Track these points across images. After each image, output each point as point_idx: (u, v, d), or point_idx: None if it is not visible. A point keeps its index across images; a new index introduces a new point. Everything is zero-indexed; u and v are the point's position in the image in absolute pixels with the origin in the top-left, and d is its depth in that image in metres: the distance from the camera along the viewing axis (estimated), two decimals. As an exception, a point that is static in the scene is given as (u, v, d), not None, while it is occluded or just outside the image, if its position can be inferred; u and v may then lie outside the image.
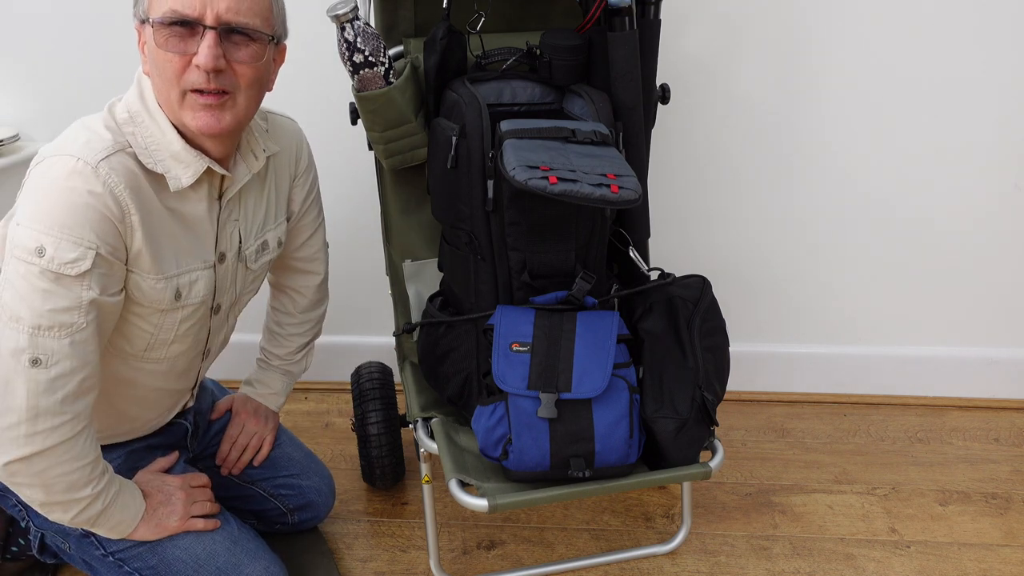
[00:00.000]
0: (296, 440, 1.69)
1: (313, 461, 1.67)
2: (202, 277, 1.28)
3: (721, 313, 1.43)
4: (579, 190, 1.16)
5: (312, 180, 1.51)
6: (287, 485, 1.61)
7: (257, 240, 1.39)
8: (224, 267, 1.34)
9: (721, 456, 1.37)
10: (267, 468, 1.61)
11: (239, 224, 1.34)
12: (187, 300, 1.27)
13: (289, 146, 1.44)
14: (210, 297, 1.33)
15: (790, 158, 1.91)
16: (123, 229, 1.15)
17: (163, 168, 1.19)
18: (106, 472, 1.24)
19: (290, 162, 1.45)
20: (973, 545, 1.64)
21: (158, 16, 1.12)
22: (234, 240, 1.34)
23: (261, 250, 1.41)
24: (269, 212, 1.42)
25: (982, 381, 2.05)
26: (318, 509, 1.66)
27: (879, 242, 1.96)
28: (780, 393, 2.12)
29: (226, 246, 1.33)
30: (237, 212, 1.34)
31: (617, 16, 1.40)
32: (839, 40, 1.79)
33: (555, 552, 1.66)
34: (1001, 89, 1.79)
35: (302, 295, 1.62)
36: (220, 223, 1.30)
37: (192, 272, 1.27)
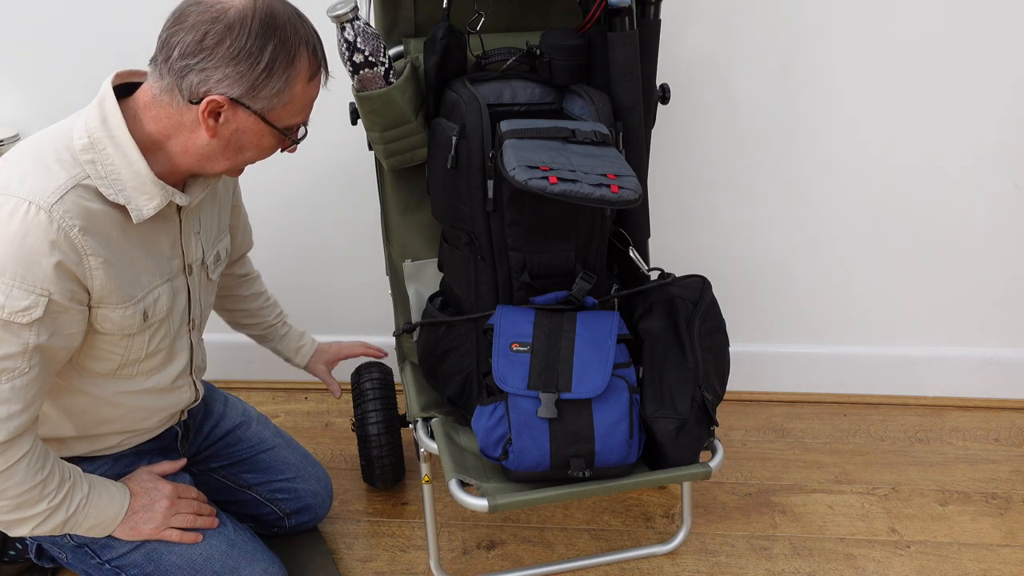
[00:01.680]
0: (293, 442, 1.68)
1: (310, 463, 1.66)
2: (164, 292, 1.25)
3: (721, 313, 1.43)
4: (579, 190, 1.16)
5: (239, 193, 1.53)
6: (283, 489, 1.60)
7: (214, 250, 1.39)
8: (193, 278, 1.33)
9: (721, 456, 1.37)
10: (262, 472, 1.59)
11: (200, 236, 1.33)
12: (153, 318, 1.24)
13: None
14: (186, 311, 1.33)
15: (790, 158, 1.90)
16: (81, 272, 1.10)
17: (124, 199, 1.13)
18: (65, 483, 1.21)
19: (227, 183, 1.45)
20: (973, 545, 1.64)
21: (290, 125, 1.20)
22: (198, 252, 1.32)
23: (215, 261, 1.40)
24: (222, 221, 1.42)
25: (982, 381, 2.05)
26: (315, 511, 1.65)
27: (879, 242, 1.96)
28: (780, 393, 2.12)
29: (192, 258, 1.31)
30: (197, 224, 1.32)
31: (617, 16, 1.40)
32: (839, 40, 1.78)
33: (555, 552, 1.66)
34: (1001, 89, 1.79)
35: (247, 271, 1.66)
36: (184, 236, 1.28)
37: (155, 289, 1.24)
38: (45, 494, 1.18)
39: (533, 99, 1.49)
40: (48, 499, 1.19)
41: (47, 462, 1.19)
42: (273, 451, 1.61)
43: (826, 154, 1.89)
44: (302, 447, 1.70)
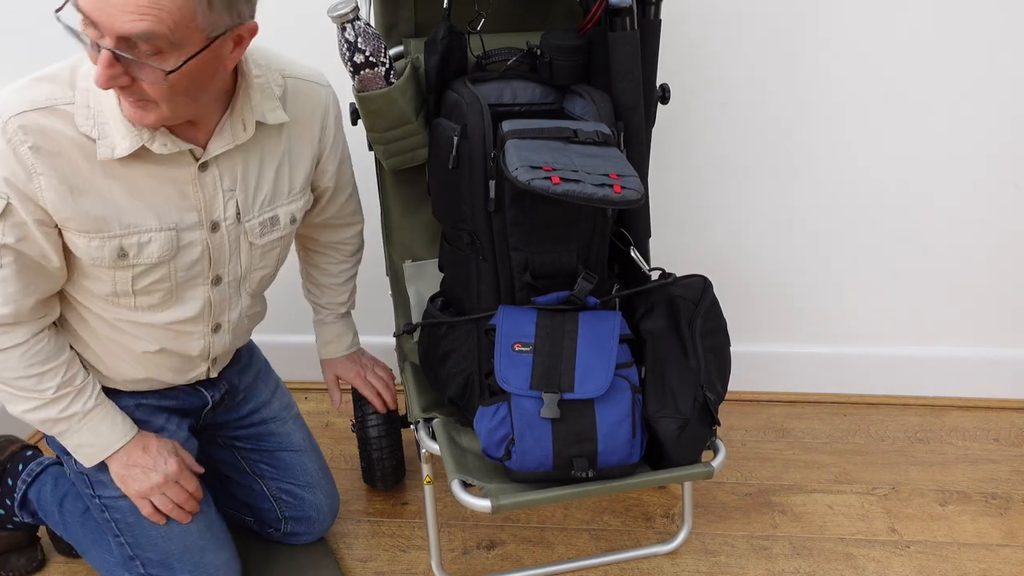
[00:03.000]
0: (318, 452, 1.67)
1: (325, 479, 1.65)
2: (158, 239, 1.22)
3: (722, 313, 1.43)
4: (582, 190, 1.16)
5: (341, 149, 1.45)
6: (290, 492, 1.60)
7: (263, 214, 1.33)
8: (219, 236, 1.29)
9: (723, 456, 1.37)
10: (278, 470, 1.59)
11: (236, 194, 1.27)
12: (137, 259, 1.22)
13: (308, 118, 1.35)
14: (203, 265, 1.30)
15: (790, 158, 1.91)
16: (30, 191, 1.12)
17: (99, 133, 1.13)
18: (66, 387, 1.28)
19: (312, 135, 1.36)
20: (973, 545, 1.64)
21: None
22: (229, 210, 1.28)
23: (269, 225, 1.34)
24: (280, 186, 1.34)
25: (982, 381, 2.05)
26: (312, 526, 1.63)
27: (879, 242, 1.96)
28: (780, 393, 2.12)
29: (218, 215, 1.27)
30: (231, 181, 1.26)
31: (618, 16, 1.40)
32: (840, 40, 1.79)
33: (555, 552, 1.66)
34: (1002, 88, 1.79)
35: (347, 244, 1.63)
36: (204, 190, 1.24)
37: (143, 233, 1.21)
38: (40, 388, 1.26)
39: (534, 99, 1.49)
40: (41, 393, 1.26)
41: (52, 362, 1.26)
42: (297, 454, 1.61)
43: (826, 154, 1.89)
44: (324, 461, 1.67)
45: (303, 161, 1.36)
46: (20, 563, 1.62)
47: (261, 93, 1.25)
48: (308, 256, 1.64)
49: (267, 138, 1.29)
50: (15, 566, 1.62)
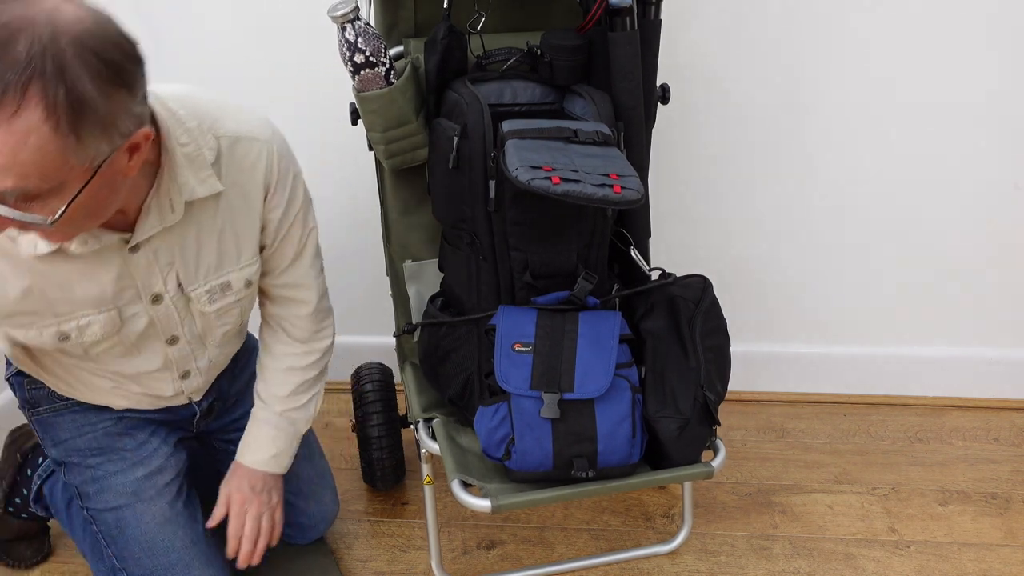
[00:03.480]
0: (317, 456, 1.62)
1: (320, 485, 1.60)
2: (98, 320, 1.17)
3: (722, 313, 1.43)
4: (582, 190, 1.16)
5: (289, 202, 1.27)
6: (286, 501, 1.55)
7: (210, 282, 1.25)
8: (163, 307, 1.23)
9: (723, 455, 1.38)
10: None
11: (175, 267, 1.19)
12: (81, 340, 1.18)
13: (248, 179, 1.20)
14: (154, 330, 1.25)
15: (790, 158, 1.91)
16: None
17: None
18: None
19: (255, 196, 1.22)
20: (973, 545, 1.64)
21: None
22: (170, 283, 1.20)
23: (220, 292, 1.27)
24: (226, 254, 1.24)
25: (982, 381, 2.05)
26: (305, 532, 1.61)
27: (879, 242, 1.96)
28: (780, 393, 2.12)
29: (159, 289, 1.20)
30: (169, 255, 1.18)
31: (618, 16, 1.39)
32: (839, 40, 1.79)
33: (555, 552, 1.66)
34: (1001, 88, 1.79)
35: (294, 326, 1.41)
36: (138, 270, 1.17)
37: (82, 317, 1.16)
38: None
39: (534, 99, 1.49)
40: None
41: None
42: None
43: (826, 154, 1.89)
44: (324, 464, 1.63)
45: (250, 226, 1.24)
46: (27, 553, 1.63)
47: (190, 164, 1.12)
48: (262, 327, 1.46)
49: (203, 210, 1.17)
50: (22, 555, 1.63)
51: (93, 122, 0.88)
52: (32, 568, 1.64)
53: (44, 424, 1.38)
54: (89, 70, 0.86)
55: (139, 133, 0.96)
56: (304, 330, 1.41)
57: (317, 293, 1.39)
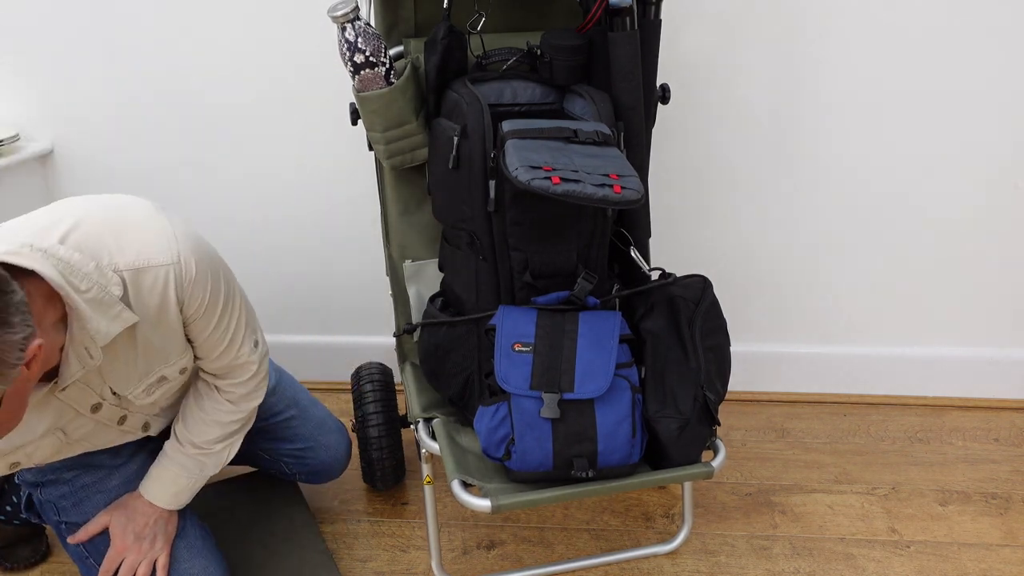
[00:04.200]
0: (310, 409, 1.64)
1: (324, 431, 1.64)
2: (43, 445, 1.19)
3: (722, 313, 1.43)
4: (582, 190, 1.16)
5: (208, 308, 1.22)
6: (293, 455, 1.61)
7: (144, 381, 1.24)
8: (104, 410, 1.23)
9: (723, 455, 1.37)
10: (271, 440, 1.58)
11: (107, 384, 1.19)
12: (32, 462, 1.21)
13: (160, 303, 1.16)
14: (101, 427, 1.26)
15: (790, 158, 1.91)
16: None
17: None
18: None
19: (168, 311, 1.18)
20: (973, 545, 1.64)
21: None
22: (106, 394, 1.21)
23: (157, 385, 1.26)
24: (154, 361, 1.22)
25: (982, 381, 2.05)
26: (329, 473, 1.66)
27: (879, 242, 1.96)
28: (780, 393, 2.12)
29: (96, 401, 1.21)
30: (99, 380, 1.18)
31: (618, 16, 1.40)
32: (839, 39, 1.79)
33: (555, 552, 1.66)
34: (1001, 88, 1.79)
35: (231, 390, 1.38)
36: (71, 400, 1.17)
37: (27, 445, 1.17)
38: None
39: (534, 99, 1.49)
40: None
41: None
42: (286, 420, 1.60)
43: (826, 154, 1.89)
44: (320, 412, 1.67)
45: (172, 337, 1.22)
46: (25, 554, 1.64)
47: (98, 307, 1.08)
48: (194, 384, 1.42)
49: (122, 339, 1.15)
50: (20, 557, 1.63)
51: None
52: (31, 569, 1.64)
53: None
54: None
55: (29, 350, 0.95)
56: (236, 395, 1.38)
57: (251, 368, 1.36)
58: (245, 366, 1.35)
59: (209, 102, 1.94)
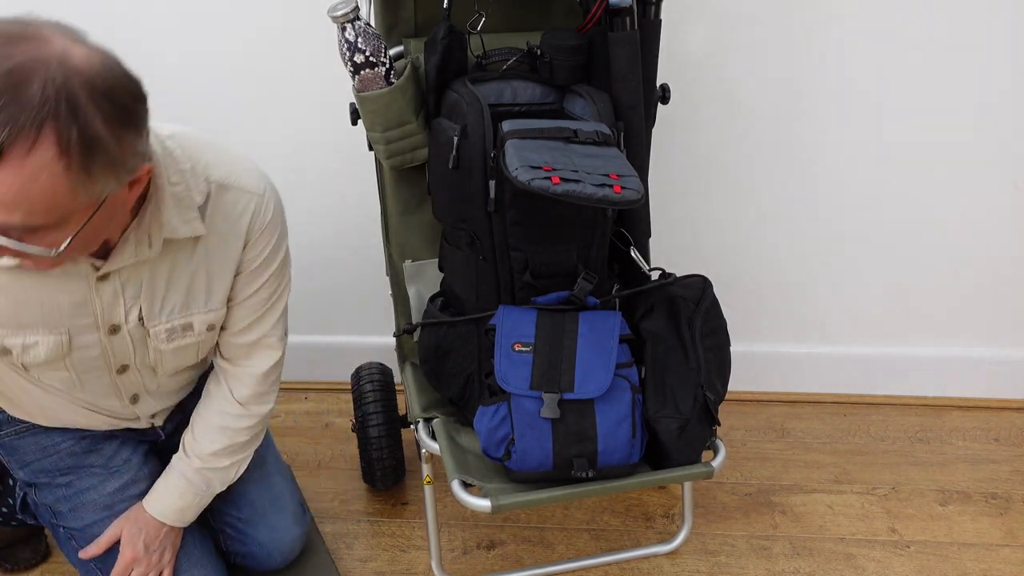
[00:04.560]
0: (271, 476, 1.54)
1: (274, 510, 1.51)
2: (46, 343, 1.15)
3: (722, 312, 1.43)
4: (582, 190, 1.16)
5: (268, 258, 1.26)
6: (231, 526, 1.50)
7: (173, 321, 1.22)
8: (119, 337, 1.20)
9: (723, 455, 1.37)
10: (223, 501, 1.48)
11: (139, 301, 1.18)
12: (23, 360, 1.16)
13: (230, 229, 1.20)
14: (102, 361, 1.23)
15: (790, 158, 1.91)
16: None
17: None
18: None
19: (235, 247, 1.22)
20: (973, 545, 1.64)
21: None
22: (132, 315, 1.19)
23: (180, 332, 1.24)
24: (195, 295, 1.22)
25: (982, 381, 2.05)
26: (257, 560, 1.51)
27: (879, 241, 1.96)
28: (780, 393, 2.12)
29: (119, 320, 1.18)
30: (135, 290, 1.17)
31: (618, 16, 1.40)
32: (839, 40, 1.79)
33: (555, 552, 1.66)
34: (1001, 87, 1.79)
35: (241, 384, 1.36)
36: (103, 298, 1.15)
37: (27, 335, 1.14)
38: None
39: (534, 99, 1.49)
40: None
41: None
42: (240, 483, 1.47)
43: (825, 154, 1.89)
44: (283, 486, 1.55)
45: (223, 274, 1.23)
46: (25, 555, 1.63)
47: (177, 204, 1.11)
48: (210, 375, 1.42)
49: (180, 249, 1.17)
50: (20, 558, 1.63)
51: (103, 162, 0.90)
52: (31, 569, 1.64)
53: (7, 447, 1.37)
54: (101, 112, 0.88)
55: (142, 168, 0.98)
56: (249, 390, 1.36)
57: (273, 357, 1.36)
58: (267, 351, 1.34)
59: (209, 102, 1.94)
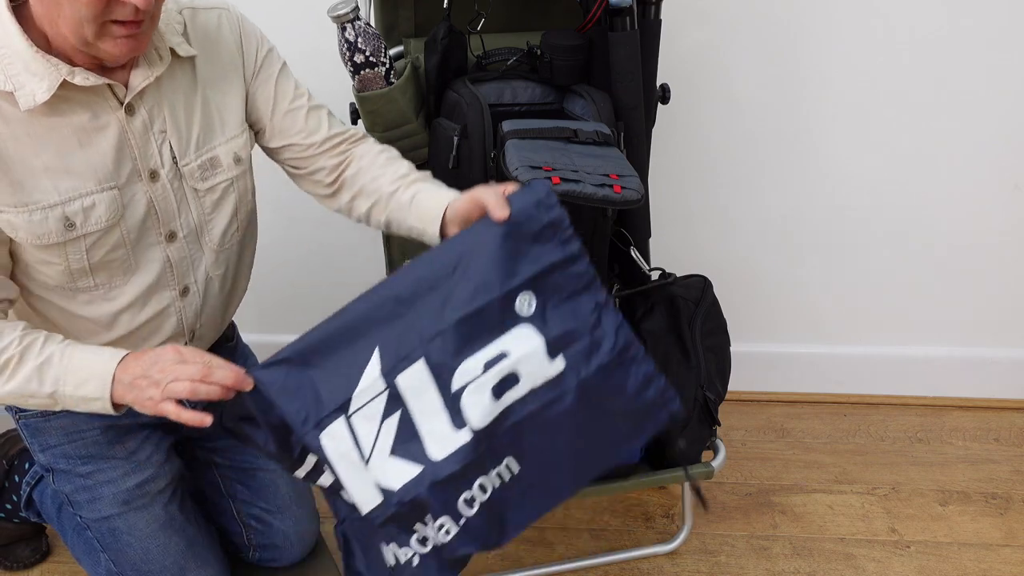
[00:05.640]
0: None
1: (299, 503, 1.54)
2: (102, 201, 1.14)
3: (722, 313, 1.44)
4: (582, 190, 1.16)
5: (271, 64, 1.31)
6: (259, 518, 1.51)
7: (200, 155, 1.23)
8: (160, 186, 1.20)
9: (723, 455, 1.38)
10: (252, 490, 1.51)
11: (168, 136, 1.19)
12: (86, 228, 1.14)
13: (215, 46, 1.25)
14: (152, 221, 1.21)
15: (789, 158, 1.91)
16: None
17: (15, 84, 1.06)
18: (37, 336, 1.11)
19: (230, 63, 1.26)
20: (973, 545, 1.64)
21: None
22: (165, 155, 1.19)
23: (210, 167, 1.25)
24: (211, 122, 1.25)
25: (982, 381, 2.05)
26: (280, 553, 1.53)
27: (880, 242, 1.96)
28: (780, 393, 2.12)
29: (155, 163, 1.18)
30: (161, 123, 1.18)
31: (618, 16, 1.40)
32: (839, 40, 1.79)
33: (555, 552, 1.66)
34: (1001, 88, 1.79)
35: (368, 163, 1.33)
36: (134, 135, 1.16)
37: (85, 197, 1.13)
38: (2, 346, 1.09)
39: (534, 99, 1.49)
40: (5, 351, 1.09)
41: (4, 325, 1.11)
42: (271, 474, 1.51)
43: (826, 154, 1.89)
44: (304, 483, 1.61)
45: (230, 93, 1.27)
46: (25, 553, 1.64)
47: (166, 28, 1.18)
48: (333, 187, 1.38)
49: (183, 73, 1.21)
50: (20, 556, 1.63)
51: None
52: (31, 569, 1.65)
53: (31, 429, 1.36)
54: None
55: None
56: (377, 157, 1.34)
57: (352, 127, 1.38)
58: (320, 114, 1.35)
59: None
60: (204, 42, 1.24)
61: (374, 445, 1.09)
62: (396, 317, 1.08)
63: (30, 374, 1.09)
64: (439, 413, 1.07)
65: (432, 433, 1.08)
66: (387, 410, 1.08)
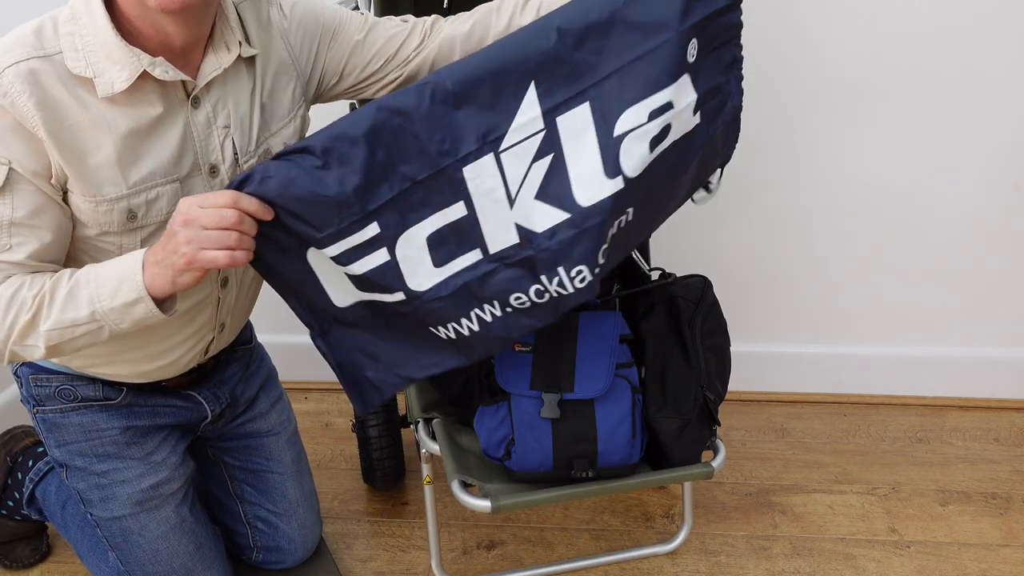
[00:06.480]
0: (304, 476, 1.60)
1: (305, 507, 1.58)
2: (165, 194, 1.14)
3: (722, 313, 1.43)
4: None
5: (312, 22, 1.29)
6: (266, 520, 1.54)
7: (259, 150, 1.24)
8: (219, 182, 1.20)
9: (723, 455, 1.37)
10: (260, 492, 1.54)
11: (231, 132, 1.20)
12: (147, 220, 1.15)
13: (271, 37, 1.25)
14: None
15: (789, 158, 1.90)
16: (36, 145, 1.05)
17: (95, 71, 1.06)
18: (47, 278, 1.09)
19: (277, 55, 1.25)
20: (973, 545, 1.64)
21: None
22: (227, 151, 1.20)
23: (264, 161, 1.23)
24: (268, 114, 1.25)
25: (982, 381, 2.05)
26: (283, 556, 1.57)
27: (879, 242, 1.96)
28: (780, 393, 2.12)
29: (216, 157, 1.19)
30: (224, 118, 1.19)
31: (619, 16, 1.39)
32: (839, 40, 1.78)
33: (555, 552, 1.66)
34: (1001, 88, 1.79)
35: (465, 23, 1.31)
36: (198, 129, 1.17)
37: (151, 189, 1.14)
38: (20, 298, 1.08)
39: (534, 99, 1.49)
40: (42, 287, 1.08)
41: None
42: (280, 477, 1.54)
43: (826, 154, 1.89)
44: (311, 486, 1.62)
45: (283, 82, 1.27)
46: (25, 553, 1.63)
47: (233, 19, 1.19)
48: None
49: (246, 70, 1.22)
50: (20, 555, 1.63)
51: None
52: (31, 568, 1.65)
53: (49, 424, 1.36)
54: None
55: None
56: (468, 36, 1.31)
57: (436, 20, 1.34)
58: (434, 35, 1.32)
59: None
60: (259, 33, 1.23)
61: (521, 185, 1.03)
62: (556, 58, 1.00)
63: (64, 303, 1.07)
64: (594, 159, 1.02)
65: (581, 178, 1.02)
66: (540, 151, 1.03)
